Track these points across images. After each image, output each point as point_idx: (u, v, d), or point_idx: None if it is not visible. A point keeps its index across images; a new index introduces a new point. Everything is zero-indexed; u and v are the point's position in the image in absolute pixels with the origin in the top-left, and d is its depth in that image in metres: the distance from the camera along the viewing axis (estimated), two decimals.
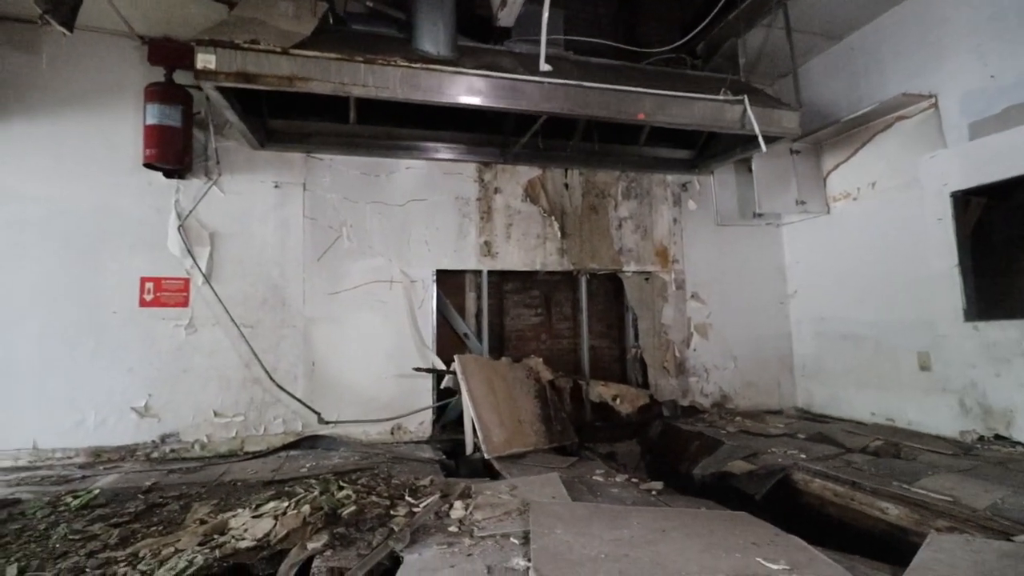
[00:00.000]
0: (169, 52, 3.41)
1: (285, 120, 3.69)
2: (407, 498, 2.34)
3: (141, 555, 1.96)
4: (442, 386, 3.62)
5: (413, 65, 2.96)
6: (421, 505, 2.21)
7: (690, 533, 2.01)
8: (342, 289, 3.67)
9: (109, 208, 3.36)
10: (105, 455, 3.19)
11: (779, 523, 2.18)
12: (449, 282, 4.05)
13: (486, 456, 3.03)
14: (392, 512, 2.20)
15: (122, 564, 1.91)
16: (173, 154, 3.31)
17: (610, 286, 4.51)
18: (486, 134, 4.07)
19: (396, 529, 1.99)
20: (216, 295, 3.40)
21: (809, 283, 4.52)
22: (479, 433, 3.13)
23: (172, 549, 1.96)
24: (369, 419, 3.56)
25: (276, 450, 3.35)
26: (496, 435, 3.16)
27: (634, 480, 2.82)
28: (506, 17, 3.51)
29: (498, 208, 4.12)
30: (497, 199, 4.13)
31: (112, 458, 3.19)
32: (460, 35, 3.37)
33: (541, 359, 3.91)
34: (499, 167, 4.15)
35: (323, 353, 3.58)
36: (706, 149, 4.46)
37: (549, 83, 3.19)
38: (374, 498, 2.34)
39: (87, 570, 1.88)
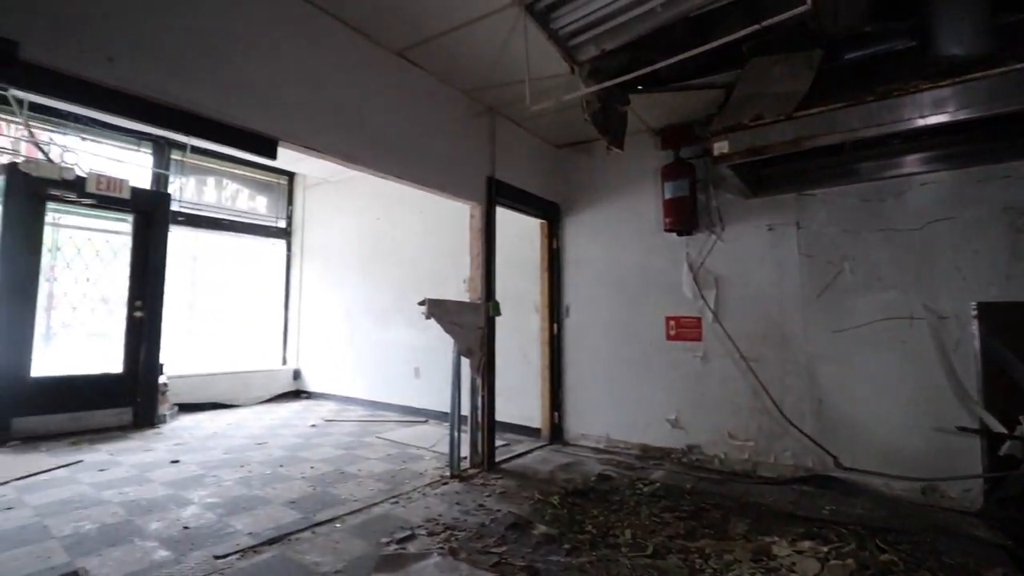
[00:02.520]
0: (675, 136, 4.24)
1: (774, 167, 3.89)
2: None
3: (707, 552, 2.54)
4: (1001, 452, 2.91)
5: (939, 84, 2.58)
6: None
7: None
8: (847, 327, 3.53)
9: (642, 264, 4.46)
10: (650, 452, 4.24)
11: None
12: (1001, 318, 3.20)
13: None
14: None
15: (695, 555, 2.52)
16: (684, 219, 4.09)
17: None
18: None
19: None
20: (724, 331, 3.95)
21: None
22: None
23: (731, 557, 2.46)
24: (892, 473, 3.27)
25: (787, 481, 3.57)
26: None
27: None
28: None
29: None
30: None
31: (654, 456, 4.21)
32: (999, 13, 2.68)
33: None
34: None
35: (830, 392, 3.55)
36: None
37: None
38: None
39: (672, 552, 2.59)
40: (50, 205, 4.73)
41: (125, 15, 2.19)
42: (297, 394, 7.07)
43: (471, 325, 3.79)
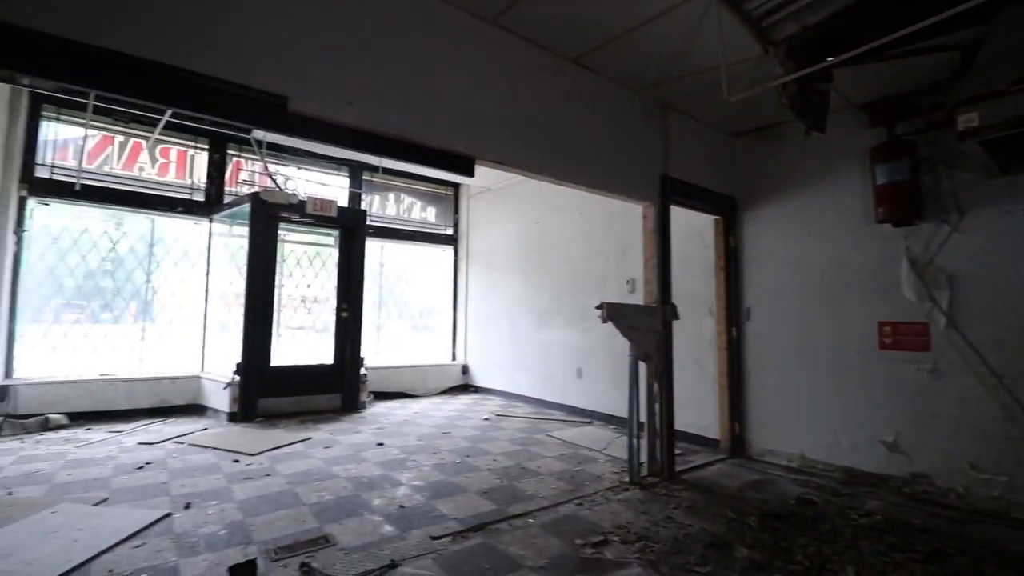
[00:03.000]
0: (888, 111, 3.64)
1: None
2: None
3: None
4: None
5: None
6: None
7: None
8: None
9: (843, 260, 3.92)
10: (858, 477, 3.71)
11: None
12: None
13: None
14: None
15: None
16: (903, 207, 3.49)
17: None
18: None
19: None
20: (965, 340, 3.29)
21: None
22: None
23: None
24: None
25: None
26: None
27: None
28: None
29: None
30: None
31: (863, 482, 3.67)
32: None
33: None
34: None
35: None
36: None
37: None
38: None
39: None
40: (280, 225, 5.72)
41: (359, 66, 2.54)
42: (465, 388, 7.61)
43: (648, 329, 3.70)
